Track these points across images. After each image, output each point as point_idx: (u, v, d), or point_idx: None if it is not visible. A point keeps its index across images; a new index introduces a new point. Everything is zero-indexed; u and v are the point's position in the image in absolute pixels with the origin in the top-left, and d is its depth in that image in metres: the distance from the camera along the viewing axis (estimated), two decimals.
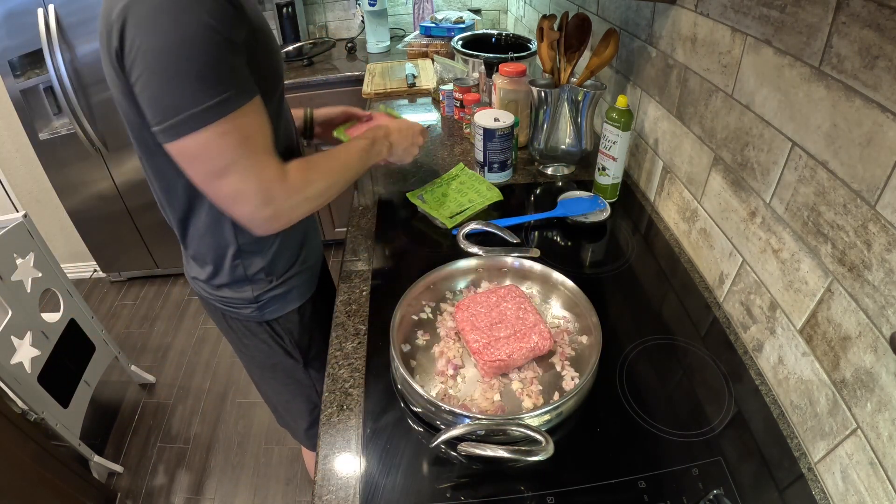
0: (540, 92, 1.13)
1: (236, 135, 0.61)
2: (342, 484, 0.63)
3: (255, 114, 0.63)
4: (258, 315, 0.89)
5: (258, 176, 0.64)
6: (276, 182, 0.66)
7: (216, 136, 0.60)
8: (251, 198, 0.65)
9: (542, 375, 0.73)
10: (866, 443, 0.55)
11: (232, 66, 0.60)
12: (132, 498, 1.63)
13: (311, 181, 0.72)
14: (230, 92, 0.59)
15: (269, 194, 0.66)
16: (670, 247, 0.99)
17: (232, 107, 0.60)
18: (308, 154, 0.82)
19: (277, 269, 0.87)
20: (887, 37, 0.49)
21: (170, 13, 0.55)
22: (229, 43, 0.59)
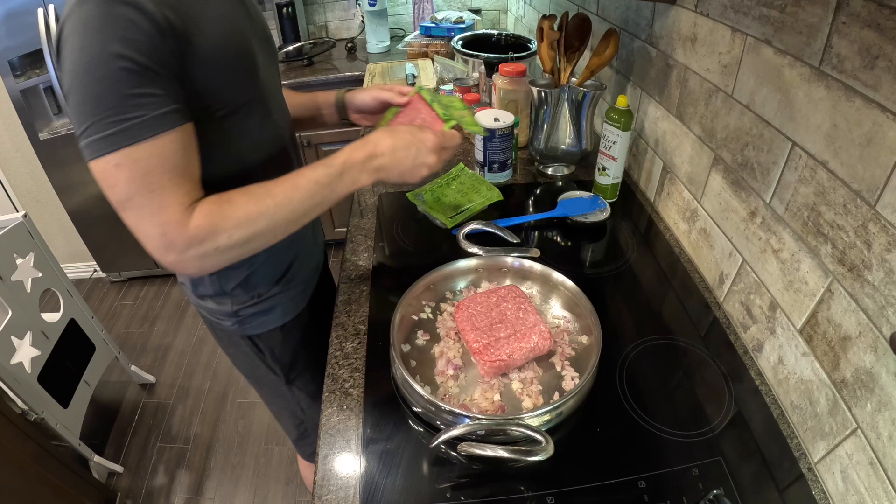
0: (540, 92, 1.13)
1: (132, 169, 0.55)
2: (342, 484, 0.63)
3: (165, 148, 0.57)
4: (239, 329, 0.86)
5: (153, 219, 0.58)
6: (173, 229, 0.58)
7: (110, 167, 0.55)
8: (149, 240, 0.59)
9: (542, 375, 0.73)
10: (866, 443, 0.55)
11: (140, 94, 0.54)
12: (132, 498, 1.63)
13: (222, 230, 0.60)
14: (130, 122, 0.54)
15: (166, 240, 0.58)
16: (670, 247, 0.99)
17: (129, 139, 0.54)
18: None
19: (258, 286, 0.83)
20: (887, 37, 0.49)
21: (82, 36, 0.53)
22: (143, 69, 0.54)
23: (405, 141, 0.71)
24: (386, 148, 0.70)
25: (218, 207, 0.61)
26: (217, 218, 0.60)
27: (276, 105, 0.79)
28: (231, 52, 0.65)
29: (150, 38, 0.54)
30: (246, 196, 0.63)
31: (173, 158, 0.58)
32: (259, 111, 0.73)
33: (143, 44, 0.54)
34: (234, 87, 0.67)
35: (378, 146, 0.70)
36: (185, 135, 0.59)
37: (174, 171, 0.58)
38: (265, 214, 0.63)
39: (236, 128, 0.70)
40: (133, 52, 0.53)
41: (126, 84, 0.53)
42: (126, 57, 0.53)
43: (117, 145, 0.54)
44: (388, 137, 0.71)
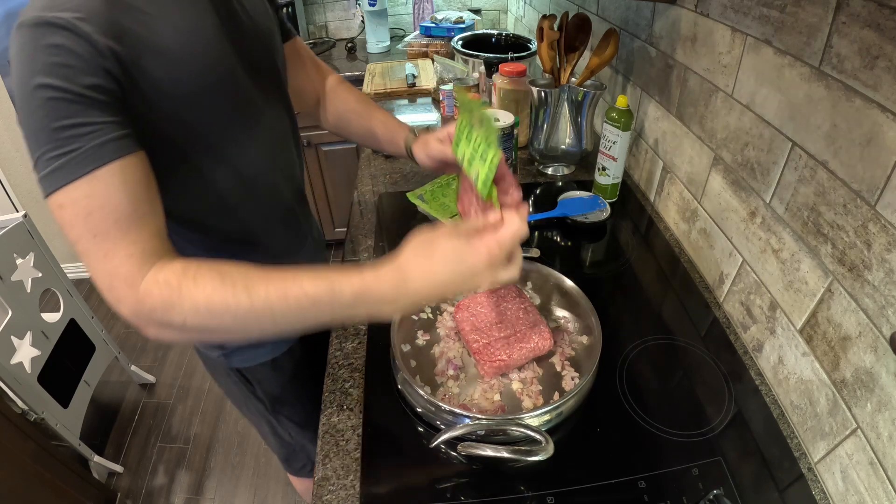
0: (540, 92, 1.13)
1: (73, 210, 0.49)
2: (342, 484, 0.63)
3: (104, 185, 0.49)
4: (226, 361, 0.83)
5: (98, 267, 0.50)
6: (120, 283, 0.50)
7: (56, 208, 0.49)
8: (101, 290, 0.51)
9: (542, 375, 0.73)
10: (866, 443, 0.55)
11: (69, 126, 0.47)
12: (132, 498, 1.63)
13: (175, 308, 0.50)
14: (64, 158, 0.48)
15: (114, 295, 0.51)
16: (670, 247, 0.99)
17: (64, 178, 0.48)
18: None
19: None
20: (887, 37, 0.49)
21: (16, 68, 0.48)
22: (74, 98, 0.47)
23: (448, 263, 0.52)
24: (420, 282, 0.52)
25: (177, 280, 0.50)
26: (173, 293, 0.50)
27: (269, 131, 0.69)
28: (199, 81, 0.57)
29: (84, 62, 0.47)
30: (217, 280, 0.51)
31: (116, 197, 0.50)
32: (241, 141, 0.64)
33: (76, 68, 0.47)
34: (206, 118, 0.59)
35: (409, 278, 0.52)
36: (132, 168, 0.51)
37: (118, 212, 0.50)
38: (232, 311, 0.50)
39: (213, 160, 0.62)
40: (61, 79, 0.46)
41: (56, 115, 0.47)
42: (52, 86, 0.46)
43: (56, 184, 0.48)
44: (424, 262, 0.52)
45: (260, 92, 0.67)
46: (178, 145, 0.58)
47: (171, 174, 0.58)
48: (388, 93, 1.77)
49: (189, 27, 0.56)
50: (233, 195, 0.67)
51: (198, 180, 0.62)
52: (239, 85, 0.62)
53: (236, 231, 0.71)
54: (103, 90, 0.49)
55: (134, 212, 0.51)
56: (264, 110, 0.68)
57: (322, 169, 2.28)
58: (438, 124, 1.54)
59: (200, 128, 0.59)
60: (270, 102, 0.70)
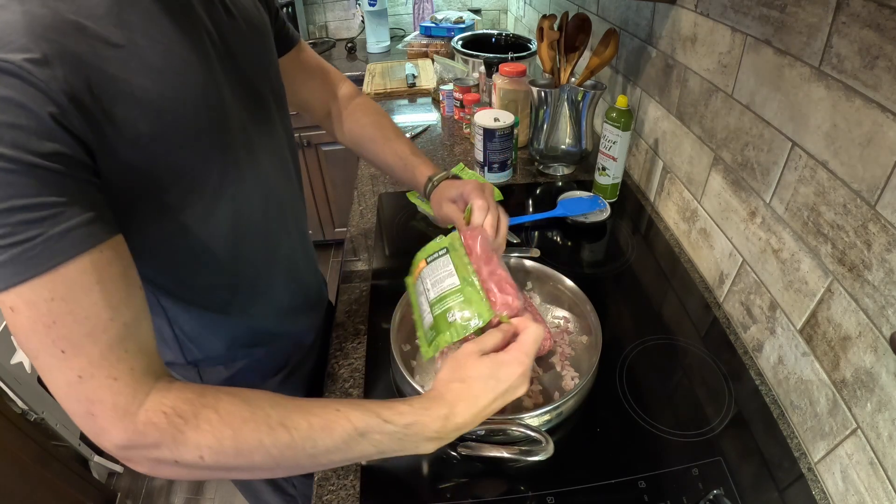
0: (540, 92, 1.13)
1: (30, 316, 0.38)
2: (342, 484, 0.63)
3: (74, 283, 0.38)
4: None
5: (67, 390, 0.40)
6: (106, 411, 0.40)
7: (7, 310, 0.38)
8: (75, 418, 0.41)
9: (542, 375, 0.73)
10: (866, 443, 0.55)
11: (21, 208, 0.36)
12: (132, 498, 1.63)
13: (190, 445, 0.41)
14: (19, 248, 0.36)
15: (93, 424, 0.40)
16: (670, 247, 0.99)
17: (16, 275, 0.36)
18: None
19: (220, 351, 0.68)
20: (887, 37, 0.49)
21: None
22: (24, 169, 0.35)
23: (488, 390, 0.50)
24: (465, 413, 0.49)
25: (192, 410, 0.42)
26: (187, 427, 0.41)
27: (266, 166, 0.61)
28: (186, 126, 0.47)
29: (38, 121, 0.36)
30: (247, 411, 0.43)
31: (88, 300, 0.39)
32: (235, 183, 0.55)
33: (26, 130, 0.35)
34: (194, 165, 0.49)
35: (455, 411, 0.49)
36: (108, 261, 0.40)
37: (92, 321, 0.39)
38: (266, 448, 0.43)
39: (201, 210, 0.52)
40: (7, 146, 0.35)
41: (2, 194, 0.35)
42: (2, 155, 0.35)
43: (6, 282, 0.37)
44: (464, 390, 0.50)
45: (256, 123, 0.58)
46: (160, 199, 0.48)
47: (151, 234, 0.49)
48: (388, 93, 1.77)
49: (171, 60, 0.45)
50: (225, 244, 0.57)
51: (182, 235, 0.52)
52: (232, 121, 0.53)
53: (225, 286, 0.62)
54: (64, 158, 0.37)
55: (113, 319, 0.40)
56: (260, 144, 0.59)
57: (322, 169, 2.28)
58: (438, 124, 1.54)
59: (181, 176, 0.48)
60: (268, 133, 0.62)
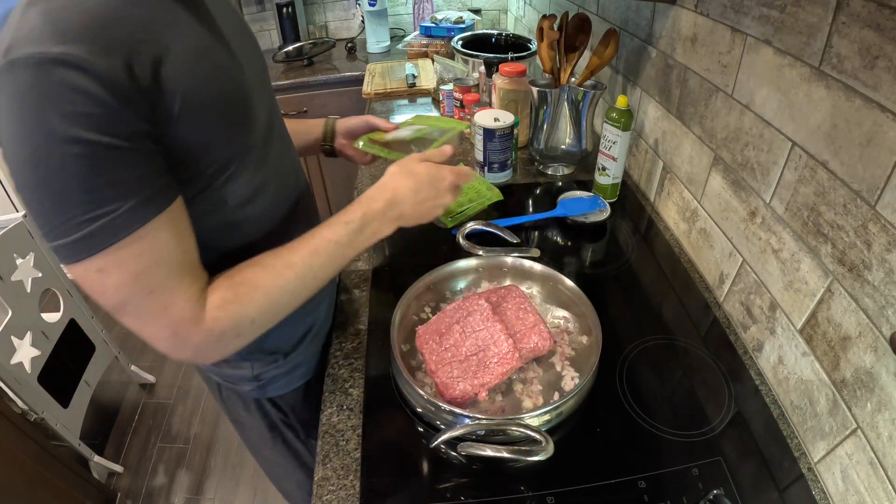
0: (540, 92, 1.13)
1: (119, 273, 0.46)
2: (342, 484, 0.63)
3: (152, 239, 0.46)
4: (258, 393, 0.78)
5: (158, 322, 0.50)
6: (186, 326, 0.50)
7: (93, 273, 0.45)
8: (159, 342, 0.51)
9: (542, 375, 0.73)
10: (866, 443, 0.55)
11: (109, 182, 0.43)
12: (132, 498, 1.63)
13: (242, 316, 0.53)
14: (105, 219, 0.43)
15: (178, 340, 0.51)
16: (670, 247, 0.99)
17: (106, 240, 0.44)
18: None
19: (281, 346, 0.75)
20: (887, 37, 0.49)
21: (17, 117, 0.40)
22: (106, 150, 0.42)
23: (425, 181, 0.65)
24: (407, 192, 0.63)
25: (234, 293, 0.53)
26: (237, 307, 0.53)
27: (280, 143, 0.68)
28: (215, 96, 0.52)
29: (108, 107, 0.41)
30: (263, 271, 0.55)
31: (167, 248, 0.48)
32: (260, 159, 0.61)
33: (100, 117, 0.41)
34: (226, 138, 0.55)
35: (398, 191, 0.63)
36: (176, 215, 0.49)
37: (171, 263, 0.48)
38: (286, 288, 0.56)
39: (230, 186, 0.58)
40: (88, 131, 0.40)
41: (88, 174, 0.41)
42: (80, 140, 0.40)
43: (94, 249, 0.44)
44: (407, 179, 0.64)
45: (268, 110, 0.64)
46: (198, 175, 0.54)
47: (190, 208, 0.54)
48: (388, 93, 1.77)
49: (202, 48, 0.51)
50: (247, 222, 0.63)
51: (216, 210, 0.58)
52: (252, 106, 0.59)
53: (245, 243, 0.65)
54: (134, 135, 0.44)
55: (185, 256, 0.50)
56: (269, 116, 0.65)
57: (322, 169, 2.28)
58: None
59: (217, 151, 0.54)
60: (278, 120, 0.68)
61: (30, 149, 0.41)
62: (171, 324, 0.50)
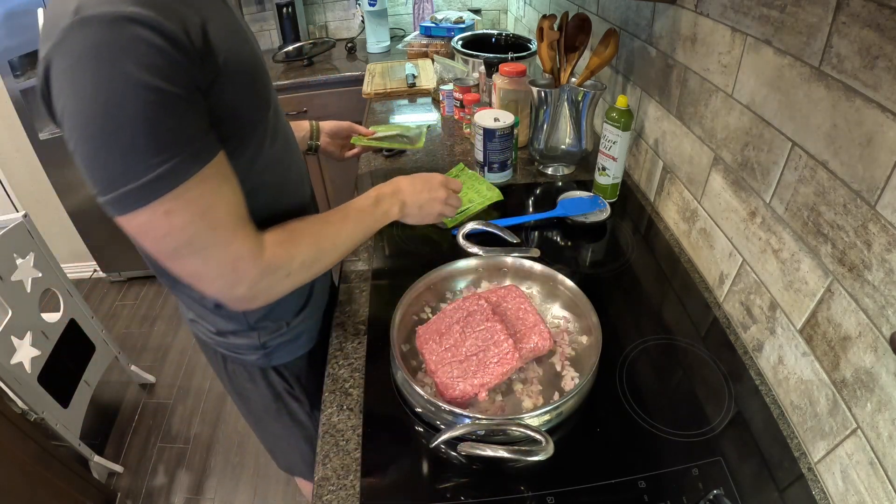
0: (540, 92, 1.13)
1: (186, 212, 0.50)
2: (342, 484, 0.63)
3: (212, 181, 0.52)
4: (264, 361, 0.82)
5: (220, 257, 0.55)
6: (245, 261, 0.56)
7: (159, 216, 0.49)
8: (215, 280, 0.56)
9: (542, 375, 0.73)
10: (866, 443, 0.55)
11: (174, 128, 0.48)
12: (132, 498, 1.63)
13: (294, 255, 0.62)
14: (171, 162, 0.47)
15: (236, 275, 0.56)
16: (670, 247, 0.99)
17: (176, 180, 0.48)
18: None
19: (285, 315, 0.80)
20: (887, 37, 0.49)
21: (90, 69, 0.44)
22: (172, 98, 0.47)
23: (420, 179, 0.82)
24: (407, 185, 0.80)
25: (288, 235, 0.62)
26: (290, 245, 0.62)
27: (285, 121, 0.76)
28: (245, 66, 0.58)
29: (173, 60, 0.46)
30: (308, 224, 0.66)
31: (225, 188, 0.54)
32: (275, 131, 0.68)
33: (167, 68, 0.46)
34: (253, 107, 0.62)
35: (400, 183, 0.80)
36: (225, 163, 0.54)
37: (229, 203, 0.54)
38: (328, 239, 0.67)
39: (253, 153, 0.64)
40: (159, 78, 0.45)
41: (159, 118, 0.46)
42: (153, 86, 0.45)
43: (163, 190, 0.48)
44: (407, 178, 0.82)
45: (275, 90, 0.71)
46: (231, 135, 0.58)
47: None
48: (388, 93, 1.77)
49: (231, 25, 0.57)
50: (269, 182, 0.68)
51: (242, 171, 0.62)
52: (267, 82, 0.65)
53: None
54: (192, 88, 0.49)
55: (239, 198, 0.56)
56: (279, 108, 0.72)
57: (322, 169, 2.28)
58: (438, 124, 1.54)
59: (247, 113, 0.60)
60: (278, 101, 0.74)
61: (105, 96, 0.44)
62: (232, 258, 0.55)
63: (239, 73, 0.56)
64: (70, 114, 0.46)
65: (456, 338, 0.72)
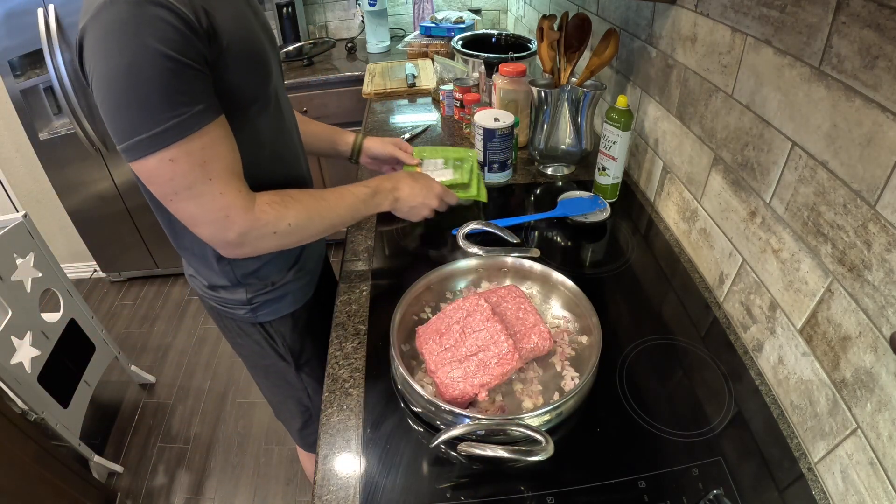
0: (540, 92, 1.13)
1: (187, 161, 0.59)
2: (342, 484, 0.63)
3: (214, 138, 0.61)
4: (251, 317, 0.89)
5: (214, 204, 0.63)
6: (236, 210, 0.65)
7: (164, 162, 0.59)
8: (208, 224, 0.65)
9: (542, 375, 0.73)
10: (866, 443, 0.55)
11: (183, 91, 0.57)
12: (132, 498, 1.63)
13: (283, 217, 0.70)
14: (179, 118, 0.57)
15: (227, 222, 0.65)
16: (670, 247, 0.99)
17: (180, 133, 0.58)
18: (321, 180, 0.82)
19: (271, 274, 0.86)
20: (887, 37, 0.49)
21: (117, 39, 0.54)
22: (182, 66, 0.56)
23: (420, 185, 0.89)
24: (406, 185, 0.87)
25: (279, 199, 0.70)
26: (280, 208, 0.69)
27: (287, 105, 0.83)
28: (247, 49, 0.66)
29: (185, 37, 0.56)
30: (303, 195, 0.74)
31: (223, 147, 0.63)
32: (273, 110, 0.76)
33: (179, 42, 0.55)
34: (252, 85, 0.69)
35: (401, 182, 0.87)
36: (225, 125, 0.63)
37: (226, 159, 0.63)
38: (318, 213, 0.75)
39: (251, 127, 0.71)
40: (172, 50, 0.55)
41: (171, 81, 0.56)
42: (167, 56, 0.54)
43: (170, 140, 0.57)
44: (409, 178, 0.89)
45: (276, 66, 0.77)
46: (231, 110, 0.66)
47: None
48: (388, 93, 1.77)
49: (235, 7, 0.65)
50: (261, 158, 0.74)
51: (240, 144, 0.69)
52: (268, 58, 0.72)
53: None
54: (200, 59, 0.58)
55: (235, 158, 0.65)
56: (279, 82, 0.78)
57: (322, 169, 2.28)
58: (438, 124, 1.54)
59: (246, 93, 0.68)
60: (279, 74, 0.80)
61: (127, 61, 0.54)
62: (224, 206, 0.64)
63: (241, 54, 0.64)
64: (99, 75, 0.56)
65: (456, 338, 0.72)
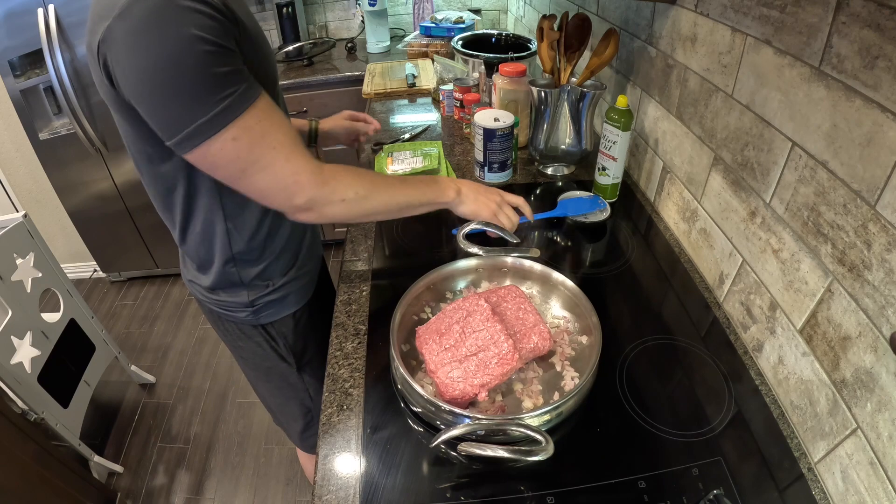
0: (540, 92, 1.13)
1: (248, 136, 0.60)
2: (342, 484, 0.63)
3: (265, 111, 0.62)
4: (253, 319, 0.88)
5: (282, 171, 0.64)
6: (304, 174, 0.65)
7: (227, 142, 0.59)
8: (279, 192, 0.66)
9: (542, 375, 0.73)
10: (866, 443, 0.55)
11: (228, 72, 0.58)
12: (132, 498, 1.63)
13: (350, 185, 0.70)
14: (230, 98, 0.58)
15: (297, 186, 0.66)
16: (670, 247, 0.99)
17: (236, 112, 0.59)
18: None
19: (273, 275, 0.86)
20: (887, 37, 0.49)
21: (153, 32, 0.54)
22: (221, 48, 0.57)
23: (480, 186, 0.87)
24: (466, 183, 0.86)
25: (346, 170, 0.71)
26: (348, 176, 0.70)
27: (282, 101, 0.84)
28: (258, 39, 0.67)
29: (218, 21, 0.57)
30: (368, 171, 0.77)
31: (277, 116, 0.64)
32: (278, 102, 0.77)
33: (215, 27, 0.57)
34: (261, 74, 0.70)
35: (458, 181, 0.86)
36: (268, 97, 0.64)
37: (284, 128, 0.64)
38: (382, 189, 0.75)
39: None
40: (212, 36, 0.56)
41: (215, 65, 0.57)
42: (207, 40, 0.55)
43: (228, 119, 0.58)
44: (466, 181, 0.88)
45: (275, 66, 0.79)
46: None
47: None
48: (388, 93, 1.77)
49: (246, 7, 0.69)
50: None
51: None
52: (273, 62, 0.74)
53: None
54: (235, 43, 0.60)
55: (290, 126, 0.66)
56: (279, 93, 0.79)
57: None
58: (438, 124, 1.54)
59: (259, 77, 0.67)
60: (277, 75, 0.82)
61: (169, 51, 0.54)
62: (293, 171, 0.65)
63: (254, 43, 0.66)
64: (138, 70, 0.56)
65: (456, 338, 0.72)
